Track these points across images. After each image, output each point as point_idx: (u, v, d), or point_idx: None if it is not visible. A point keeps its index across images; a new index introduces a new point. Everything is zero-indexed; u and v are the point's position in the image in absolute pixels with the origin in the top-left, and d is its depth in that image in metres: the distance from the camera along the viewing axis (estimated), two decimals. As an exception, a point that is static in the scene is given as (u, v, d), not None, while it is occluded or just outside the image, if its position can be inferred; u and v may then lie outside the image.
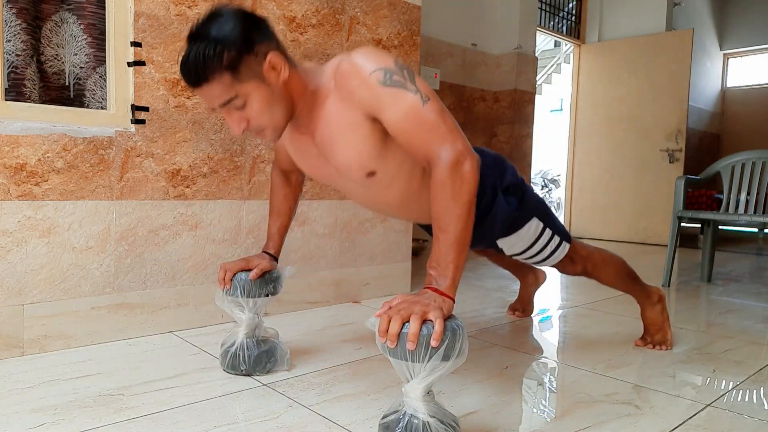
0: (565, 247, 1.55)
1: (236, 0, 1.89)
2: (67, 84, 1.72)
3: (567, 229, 1.59)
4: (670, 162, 4.89)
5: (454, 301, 0.98)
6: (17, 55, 1.59)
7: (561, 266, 1.60)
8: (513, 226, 1.46)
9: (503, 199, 1.38)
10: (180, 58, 1.10)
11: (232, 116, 1.13)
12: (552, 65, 11.33)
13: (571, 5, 5.44)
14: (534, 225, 1.48)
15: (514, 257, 1.57)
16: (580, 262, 1.61)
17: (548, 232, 1.50)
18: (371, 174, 1.20)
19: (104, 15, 1.68)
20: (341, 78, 1.11)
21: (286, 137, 1.30)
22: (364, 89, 1.07)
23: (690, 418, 1.24)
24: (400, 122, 1.07)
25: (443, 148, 1.03)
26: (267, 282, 1.41)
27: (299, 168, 1.41)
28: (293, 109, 1.18)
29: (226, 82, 1.08)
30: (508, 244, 1.50)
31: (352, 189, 1.33)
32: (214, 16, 1.09)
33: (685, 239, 4.05)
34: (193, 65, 1.07)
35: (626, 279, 1.73)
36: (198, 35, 1.08)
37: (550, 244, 1.52)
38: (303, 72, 1.19)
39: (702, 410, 1.29)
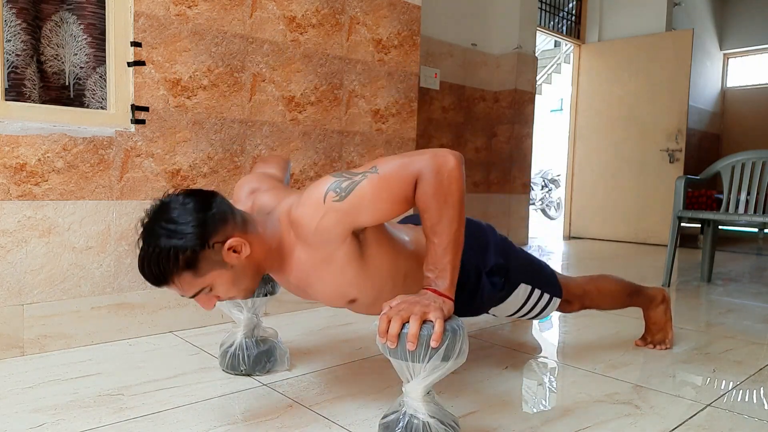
0: (556, 302, 1.54)
1: (236, 0, 1.89)
2: (67, 84, 1.72)
3: (557, 278, 1.56)
4: (670, 162, 4.89)
5: (453, 302, 0.98)
6: (17, 55, 1.59)
7: (560, 309, 1.61)
8: (501, 299, 1.45)
9: (488, 282, 1.37)
10: (137, 257, 1.05)
11: (201, 300, 1.10)
12: (552, 65, 11.33)
13: (571, 5, 5.44)
14: (522, 290, 1.46)
15: (508, 318, 1.57)
16: (576, 301, 1.62)
17: (537, 293, 1.49)
18: (352, 301, 1.19)
19: (104, 15, 1.68)
20: (300, 227, 1.06)
21: None
22: (330, 218, 1.02)
23: (690, 418, 1.24)
24: (377, 205, 1.03)
25: (418, 166, 1.00)
26: (265, 282, 1.41)
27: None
28: (262, 270, 1.16)
29: (187, 279, 1.04)
30: (500, 311, 1.51)
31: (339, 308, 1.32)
32: (163, 210, 1.04)
33: (685, 239, 4.05)
34: (150, 271, 1.03)
35: (626, 299, 1.73)
36: (149, 239, 1.02)
37: (540, 302, 1.51)
38: (262, 231, 1.13)
39: (702, 410, 1.29)
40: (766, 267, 3.90)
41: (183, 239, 1.00)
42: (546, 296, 1.51)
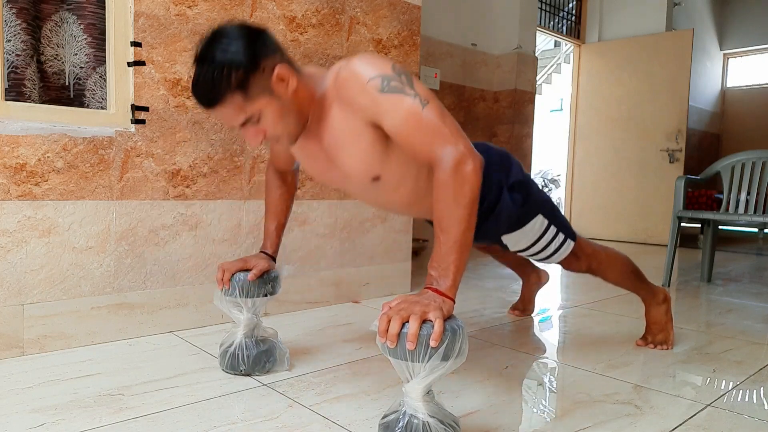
0: (570, 244, 1.55)
1: (236, 0, 1.89)
2: (67, 84, 1.72)
3: (571, 226, 1.59)
4: (670, 162, 4.89)
5: (454, 302, 0.98)
6: (17, 55, 1.59)
7: (566, 263, 1.61)
8: (518, 222, 1.46)
9: (508, 196, 1.39)
10: (190, 82, 1.12)
11: (248, 131, 1.16)
12: (552, 65, 11.33)
13: (571, 5, 5.44)
14: (539, 222, 1.48)
15: (519, 253, 1.58)
16: (585, 259, 1.61)
17: (553, 229, 1.51)
18: (376, 179, 1.21)
19: (104, 15, 1.68)
20: (341, 86, 1.12)
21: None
22: (363, 97, 1.08)
23: (690, 418, 1.24)
24: (400, 127, 1.07)
25: (445, 150, 1.03)
26: (265, 282, 1.41)
27: (306, 172, 1.42)
28: (306, 115, 1.20)
29: (238, 102, 1.10)
30: (513, 241, 1.51)
31: (360, 192, 1.34)
32: (217, 36, 1.10)
33: (685, 239, 4.05)
34: (203, 90, 1.10)
35: (632, 277, 1.73)
36: (204, 58, 1.09)
37: (555, 241, 1.52)
38: (309, 79, 1.20)
39: (702, 410, 1.29)
40: (766, 267, 3.90)
41: (236, 59, 1.07)
42: (561, 236, 1.53)
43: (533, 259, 1.61)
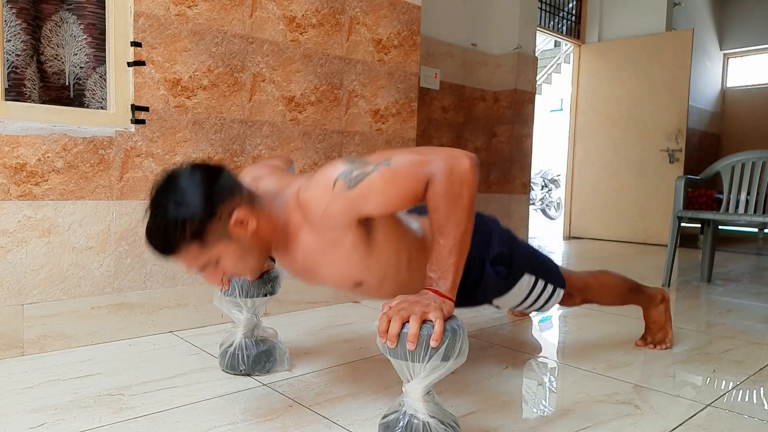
0: (560, 293, 1.54)
1: (236, 0, 1.89)
2: (67, 84, 1.72)
3: (560, 270, 1.57)
4: (670, 162, 4.89)
5: (454, 303, 0.98)
6: (17, 55, 1.59)
7: (562, 302, 1.61)
8: (505, 288, 1.45)
9: (492, 271, 1.37)
10: (145, 226, 1.06)
11: (207, 273, 1.11)
12: (552, 65, 11.33)
13: (571, 5, 5.44)
14: (526, 280, 1.46)
15: (512, 310, 1.57)
16: (578, 295, 1.62)
17: (541, 283, 1.49)
18: (358, 284, 1.20)
19: (104, 15, 1.68)
20: (307, 209, 1.07)
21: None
22: (336, 205, 1.03)
23: (690, 418, 1.24)
24: (385, 198, 1.03)
25: (431, 166, 1.01)
26: (265, 282, 1.41)
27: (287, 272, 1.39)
28: (268, 248, 1.17)
29: (194, 250, 1.05)
30: (503, 302, 1.51)
31: (344, 292, 1.33)
32: (171, 182, 1.05)
33: (685, 239, 4.05)
34: (156, 240, 1.04)
35: (627, 295, 1.73)
36: (157, 207, 1.04)
37: (544, 293, 1.51)
38: (270, 209, 1.14)
39: (702, 410, 1.29)
40: (766, 267, 3.90)
41: (190, 209, 1.01)
42: (550, 287, 1.52)
43: (527, 312, 1.60)
